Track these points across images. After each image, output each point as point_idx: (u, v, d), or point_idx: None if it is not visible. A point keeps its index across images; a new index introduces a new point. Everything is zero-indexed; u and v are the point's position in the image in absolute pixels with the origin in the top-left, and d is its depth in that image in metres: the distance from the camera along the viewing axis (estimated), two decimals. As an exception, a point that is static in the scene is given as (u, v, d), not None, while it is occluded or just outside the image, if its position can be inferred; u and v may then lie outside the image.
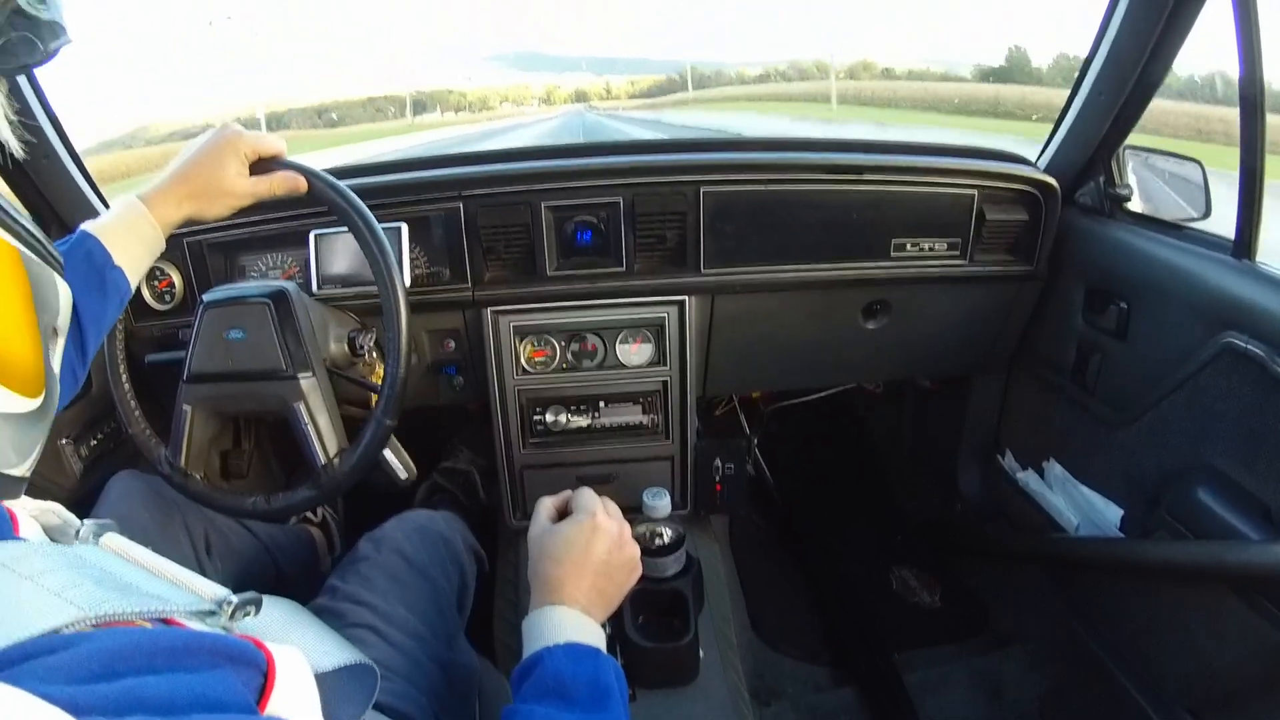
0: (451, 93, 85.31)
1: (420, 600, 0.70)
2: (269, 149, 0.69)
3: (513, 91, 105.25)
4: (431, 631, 0.69)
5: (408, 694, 0.61)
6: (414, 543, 0.76)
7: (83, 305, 0.58)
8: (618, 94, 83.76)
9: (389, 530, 0.78)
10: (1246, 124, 0.75)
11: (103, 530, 0.37)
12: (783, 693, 1.10)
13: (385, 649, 0.63)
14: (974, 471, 1.30)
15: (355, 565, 0.72)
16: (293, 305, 0.79)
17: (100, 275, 0.60)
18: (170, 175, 0.65)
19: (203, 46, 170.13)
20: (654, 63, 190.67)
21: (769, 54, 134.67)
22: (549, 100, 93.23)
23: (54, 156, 0.94)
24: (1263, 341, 0.73)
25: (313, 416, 0.77)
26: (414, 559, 0.74)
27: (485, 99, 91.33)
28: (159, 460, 0.79)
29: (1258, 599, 0.72)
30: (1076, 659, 1.03)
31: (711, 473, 1.09)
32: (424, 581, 0.73)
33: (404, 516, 0.82)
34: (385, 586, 0.69)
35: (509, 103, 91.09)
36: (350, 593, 0.68)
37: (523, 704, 0.47)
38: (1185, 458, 0.83)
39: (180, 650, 0.27)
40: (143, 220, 0.63)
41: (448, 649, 0.70)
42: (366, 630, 0.64)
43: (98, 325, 0.61)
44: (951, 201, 1.00)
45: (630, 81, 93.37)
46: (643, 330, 1.02)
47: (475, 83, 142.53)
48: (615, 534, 0.59)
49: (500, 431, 1.03)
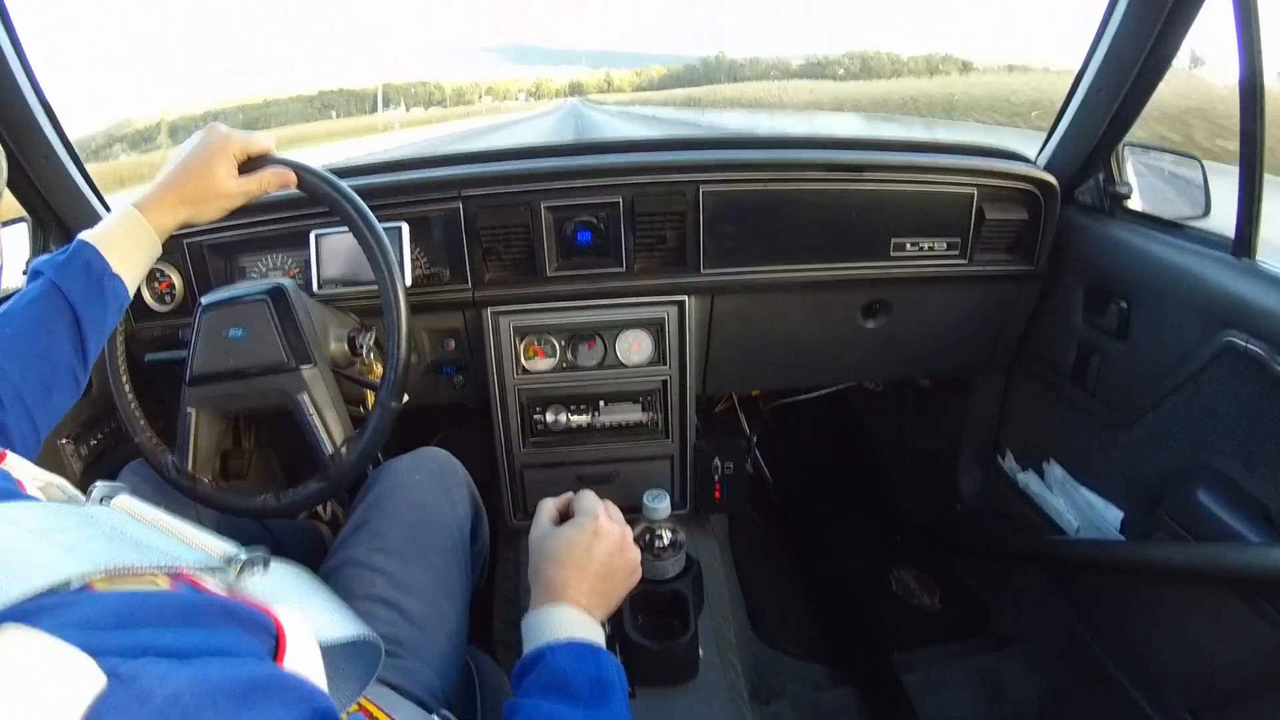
0: (425, 85, 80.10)
1: (439, 561, 0.70)
2: (257, 148, 0.69)
3: (497, 86, 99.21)
4: (448, 596, 0.69)
5: (419, 673, 0.61)
6: (433, 489, 0.76)
7: (83, 313, 0.59)
8: (620, 85, 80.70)
9: (404, 471, 0.77)
10: (1246, 122, 0.75)
11: (114, 492, 0.37)
12: (782, 692, 1.10)
13: (399, 624, 0.64)
14: (974, 472, 1.30)
15: (369, 520, 0.72)
16: (291, 301, 0.79)
17: (99, 284, 0.61)
18: (163, 182, 0.66)
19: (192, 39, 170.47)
20: (651, 56, 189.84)
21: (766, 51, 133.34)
22: (537, 94, 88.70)
23: (53, 157, 0.94)
24: (1263, 340, 0.73)
25: (317, 407, 0.77)
26: (432, 507, 0.74)
27: (463, 92, 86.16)
28: (166, 466, 0.79)
29: (1258, 600, 0.71)
30: (1076, 659, 1.03)
31: (711, 472, 1.09)
32: (443, 537, 0.73)
33: (420, 454, 0.81)
34: (401, 546, 0.69)
35: (490, 97, 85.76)
36: (363, 559, 0.68)
37: (525, 699, 0.48)
38: (1185, 459, 0.83)
39: (190, 610, 0.27)
40: (139, 228, 0.64)
41: (461, 628, 0.70)
42: (380, 604, 0.64)
43: (98, 332, 0.62)
44: (951, 200, 1.00)
45: (636, 72, 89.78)
46: (642, 329, 1.02)
47: (457, 75, 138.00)
48: (617, 537, 0.59)
49: (500, 431, 1.03)
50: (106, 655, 0.22)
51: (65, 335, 0.59)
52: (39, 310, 0.58)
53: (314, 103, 54.50)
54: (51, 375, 0.58)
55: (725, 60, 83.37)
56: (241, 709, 0.23)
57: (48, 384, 0.57)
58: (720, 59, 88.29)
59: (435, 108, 68.14)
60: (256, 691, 0.24)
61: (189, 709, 0.22)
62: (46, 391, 0.57)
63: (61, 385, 0.59)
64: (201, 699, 0.23)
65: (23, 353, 0.56)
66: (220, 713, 0.23)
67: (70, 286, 0.59)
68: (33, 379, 0.56)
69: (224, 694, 0.23)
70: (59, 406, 0.60)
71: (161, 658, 0.24)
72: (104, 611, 0.25)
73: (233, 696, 0.24)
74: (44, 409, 0.57)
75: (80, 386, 0.62)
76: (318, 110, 51.82)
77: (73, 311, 0.59)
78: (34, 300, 0.58)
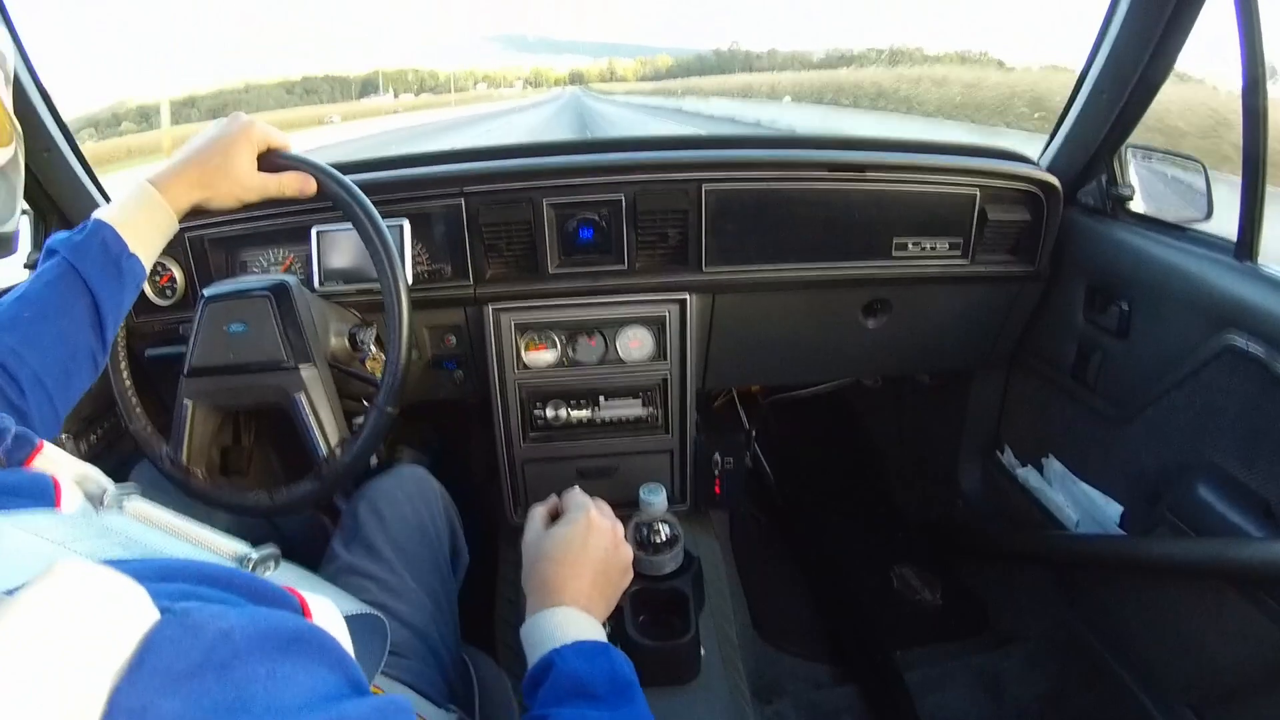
0: (418, 72, 76.64)
1: (426, 570, 0.72)
2: (277, 141, 0.69)
3: (494, 73, 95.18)
4: (436, 602, 0.70)
5: (423, 673, 0.62)
6: (415, 503, 0.78)
7: (101, 295, 0.58)
8: (624, 74, 77.61)
9: (388, 489, 0.79)
10: (1249, 125, 0.75)
11: (126, 495, 0.38)
12: (783, 691, 1.10)
13: (395, 628, 0.64)
14: (974, 468, 1.30)
15: (358, 534, 0.74)
16: (293, 298, 0.79)
17: (117, 264, 0.59)
18: (183, 159, 0.65)
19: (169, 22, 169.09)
20: (654, 49, 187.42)
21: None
22: (536, 82, 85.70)
23: (55, 149, 0.93)
24: (1264, 342, 0.73)
25: (314, 407, 0.77)
26: (414, 520, 0.76)
27: (456, 79, 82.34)
28: (160, 457, 0.78)
29: (1259, 596, 0.72)
30: (1077, 657, 1.03)
31: (710, 467, 1.09)
32: (426, 547, 0.75)
33: (399, 472, 0.83)
34: (390, 556, 0.71)
35: (486, 84, 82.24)
36: (355, 566, 0.69)
37: (543, 710, 0.45)
38: (1186, 454, 0.84)
39: (224, 579, 0.28)
40: (156, 205, 0.63)
41: (454, 629, 0.72)
42: (375, 608, 0.65)
43: (116, 312, 0.61)
44: (953, 200, 1.00)
45: (640, 61, 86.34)
46: (643, 326, 1.02)
47: (455, 63, 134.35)
48: (611, 532, 0.59)
49: (500, 426, 1.03)
50: (158, 597, 0.23)
51: (84, 317, 0.58)
52: (57, 293, 0.57)
53: (296, 89, 53.00)
54: (71, 359, 0.57)
55: (740, 52, 79.90)
56: (284, 656, 0.24)
57: (67, 367, 0.57)
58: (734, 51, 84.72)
59: (426, 94, 65.87)
60: (298, 643, 0.25)
61: (239, 647, 0.23)
62: (66, 375, 0.57)
63: (81, 368, 0.58)
64: (251, 639, 0.23)
65: (42, 337, 0.55)
66: (267, 655, 0.23)
67: (88, 268, 0.57)
68: (53, 363, 0.55)
69: (269, 638, 0.24)
70: (78, 388, 0.59)
71: (203, 601, 0.24)
72: (150, 569, 0.25)
73: (278, 643, 0.24)
74: (64, 392, 0.57)
75: (99, 368, 0.61)
76: (299, 97, 50.36)
77: (91, 294, 0.57)
78: (51, 283, 0.57)
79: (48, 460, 0.39)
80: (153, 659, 0.21)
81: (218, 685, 0.21)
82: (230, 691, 0.22)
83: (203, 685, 0.21)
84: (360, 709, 0.24)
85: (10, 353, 0.53)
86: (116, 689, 0.20)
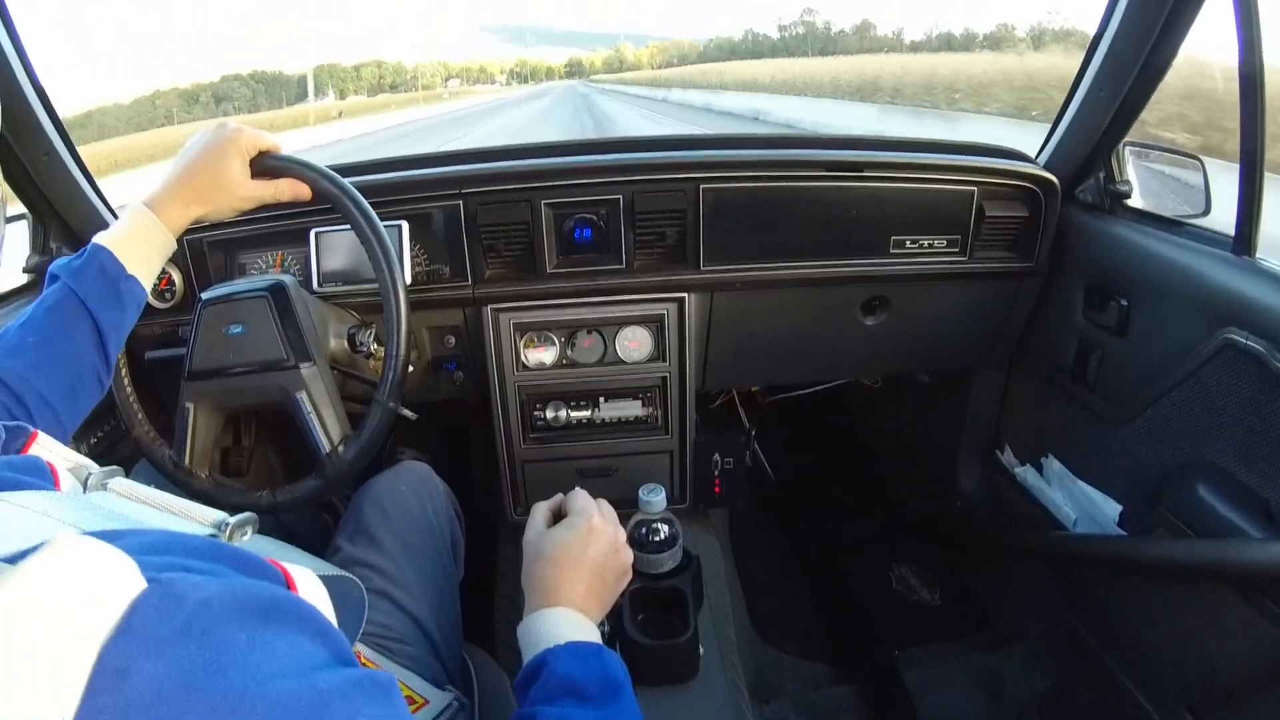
0: (378, 67, 67.96)
1: (428, 561, 0.73)
2: (267, 144, 0.69)
3: (470, 67, 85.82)
4: (439, 593, 0.72)
5: (424, 660, 0.63)
6: (418, 497, 0.79)
7: (101, 317, 0.61)
8: (636, 62, 71.07)
9: (391, 484, 0.80)
10: (1247, 120, 0.75)
11: (110, 476, 0.39)
12: (783, 690, 1.10)
13: (396, 615, 0.65)
14: (973, 467, 1.30)
15: (361, 526, 0.74)
16: (291, 297, 0.79)
17: (115, 286, 0.62)
18: (174, 177, 0.66)
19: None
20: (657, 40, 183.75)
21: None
22: (522, 74, 78.99)
23: (54, 153, 0.93)
24: (1263, 338, 0.73)
25: (315, 405, 0.77)
26: (418, 513, 0.77)
27: (420, 74, 74.52)
28: (163, 460, 0.79)
29: (1258, 597, 0.71)
30: (1076, 657, 1.03)
31: (710, 467, 1.09)
32: (429, 540, 0.76)
33: (402, 468, 0.84)
34: (392, 547, 0.72)
35: (459, 80, 74.45)
36: (358, 557, 0.70)
37: (532, 707, 0.46)
38: (1185, 454, 0.83)
39: (214, 549, 0.29)
40: (153, 227, 0.65)
41: (455, 622, 0.73)
42: (378, 596, 0.67)
43: (117, 332, 0.63)
44: (951, 198, 1.00)
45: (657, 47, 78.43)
46: (642, 326, 1.02)
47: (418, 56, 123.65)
48: (611, 537, 0.59)
49: (500, 427, 1.03)
50: (146, 568, 0.24)
51: (86, 340, 0.61)
52: (58, 317, 0.60)
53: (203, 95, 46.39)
54: (76, 379, 0.60)
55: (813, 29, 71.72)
56: (264, 624, 0.25)
57: (73, 387, 0.60)
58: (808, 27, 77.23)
59: (384, 94, 59.79)
60: (276, 611, 0.26)
61: (217, 613, 0.24)
62: (72, 394, 0.60)
63: (86, 387, 0.61)
64: (229, 607, 0.25)
65: (46, 360, 0.58)
66: (245, 623, 0.25)
67: (87, 292, 0.60)
68: (58, 384, 0.58)
69: (248, 607, 0.25)
70: (85, 406, 0.62)
71: (190, 573, 0.26)
72: (138, 543, 0.26)
73: (255, 611, 0.25)
74: (71, 410, 0.60)
75: (104, 386, 0.63)
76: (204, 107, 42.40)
77: (91, 317, 0.60)
78: (52, 308, 0.60)
79: (43, 449, 0.41)
80: (138, 623, 0.22)
81: (198, 649, 0.23)
82: (210, 655, 0.23)
83: (184, 649, 0.23)
84: (335, 679, 0.25)
85: (17, 376, 0.56)
86: (104, 649, 0.22)
